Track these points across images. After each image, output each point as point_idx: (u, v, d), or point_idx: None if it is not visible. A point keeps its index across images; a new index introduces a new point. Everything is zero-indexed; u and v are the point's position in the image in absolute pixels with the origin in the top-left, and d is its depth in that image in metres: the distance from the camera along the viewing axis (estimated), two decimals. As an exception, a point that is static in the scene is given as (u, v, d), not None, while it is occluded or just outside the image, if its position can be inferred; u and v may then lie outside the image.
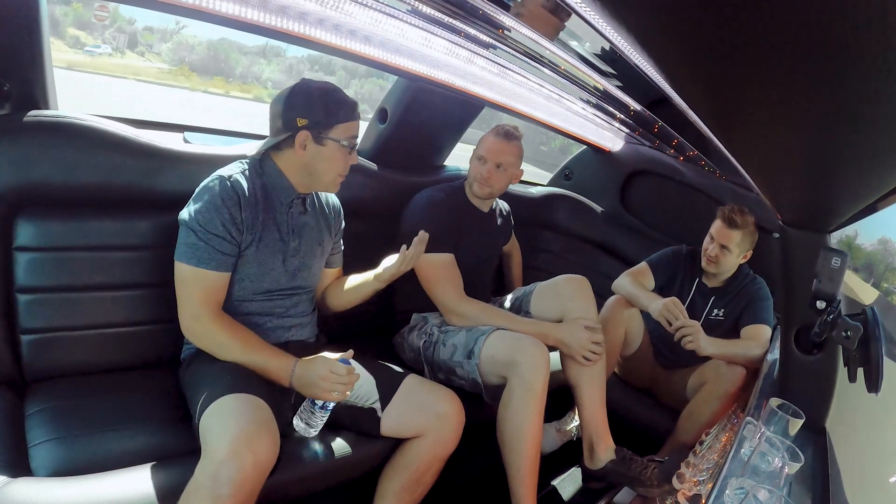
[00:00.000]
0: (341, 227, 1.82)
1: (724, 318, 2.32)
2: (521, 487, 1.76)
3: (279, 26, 1.55)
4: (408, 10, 1.49)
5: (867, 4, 0.32)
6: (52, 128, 1.50)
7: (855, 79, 0.42)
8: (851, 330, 1.20)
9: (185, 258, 1.45)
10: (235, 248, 1.49)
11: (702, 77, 0.57)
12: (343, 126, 1.54)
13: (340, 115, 1.53)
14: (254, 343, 1.48)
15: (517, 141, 2.10)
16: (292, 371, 1.45)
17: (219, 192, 1.46)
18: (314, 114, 1.51)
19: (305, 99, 1.52)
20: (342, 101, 1.54)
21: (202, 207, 1.45)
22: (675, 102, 0.93)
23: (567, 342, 1.92)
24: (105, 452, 1.34)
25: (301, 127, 1.51)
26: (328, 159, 1.55)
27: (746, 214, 2.23)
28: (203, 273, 1.45)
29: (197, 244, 1.44)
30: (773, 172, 0.94)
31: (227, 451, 1.17)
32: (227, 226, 1.45)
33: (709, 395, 2.08)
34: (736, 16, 0.39)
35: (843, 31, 0.35)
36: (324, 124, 1.52)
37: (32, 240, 1.49)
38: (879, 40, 0.35)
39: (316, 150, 1.53)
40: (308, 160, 1.54)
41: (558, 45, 1.49)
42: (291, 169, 1.57)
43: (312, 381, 1.43)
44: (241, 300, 1.55)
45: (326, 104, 1.52)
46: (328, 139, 1.53)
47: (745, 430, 1.24)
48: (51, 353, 1.54)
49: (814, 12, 0.34)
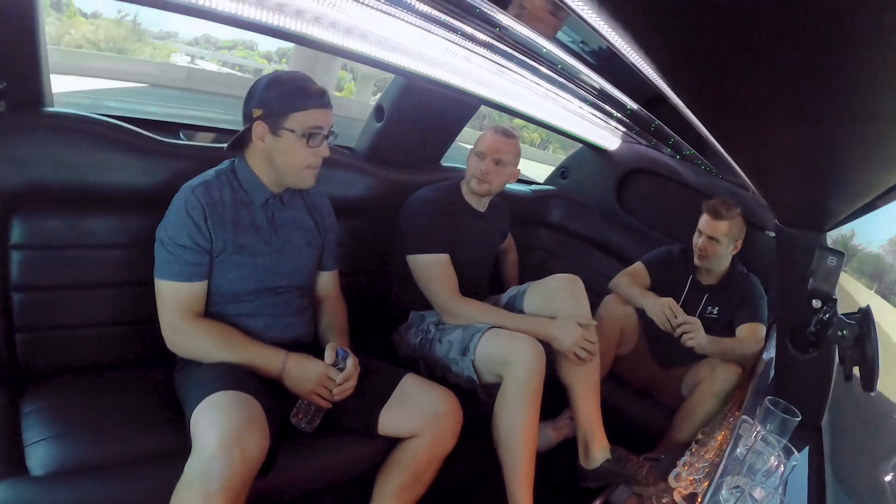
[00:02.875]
0: (334, 226, 1.80)
1: (719, 317, 2.32)
2: (517, 486, 1.76)
3: (275, 24, 1.54)
4: (405, 8, 1.49)
5: (863, 3, 0.32)
6: (47, 126, 1.50)
7: (852, 78, 0.42)
8: (847, 329, 1.21)
9: (159, 274, 1.47)
10: (205, 257, 1.48)
11: (698, 75, 0.57)
12: (300, 115, 1.47)
13: (297, 104, 1.47)
14: (237, 341, 1.48)
15: (515, 139, 2.11)
16: (283, 364, 1.46)
17: (183, 204, 1.46)
18: (268, 103, 1.47)
19: (262, 89, 1.49)
20: (299, 90, 1.48)
21: (170, 221, 1.47)
22: (671, 101, 0.93)
23: (560, 338, 1.92)
24: (101, 451, 1.33)
25: (256, 117, 1.48)
26: (285, 151, 1.50)
27: (731, 205, 2.26)
28: (176, 286, 1.46)
29: (168, 258, 1.45)
30: (768, 171, 0.94)
31: (216, 446, 1.17)
32: (192, 236, 1.45)
33: (704, 394, 2.09)
34: (732, 13, 0.39)
35: (839, 29, 0.35)
36: (278, 114, 1.47)
37: (27, 238, 1.48)
38: (875, 38, 0.35)
39: (273, 142, 1.49)
40: (268, 152, 1.51)
41: (555, 44, 1.49)
42: (259, 165, 1.55)
43: (304, 380, 1.44)
44: (229, 302, 1.55)
45: (281, 93, 1.47)
46: (283, 129, 1.48)
47: (741, 428, 1.25)
48: (46, 352, 1.54)
49: (809, 11, 0.34)
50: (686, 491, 1.34)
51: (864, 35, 0.35)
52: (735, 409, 1.74)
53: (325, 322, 1.76)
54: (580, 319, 1.94)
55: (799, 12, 0.35)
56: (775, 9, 0.36)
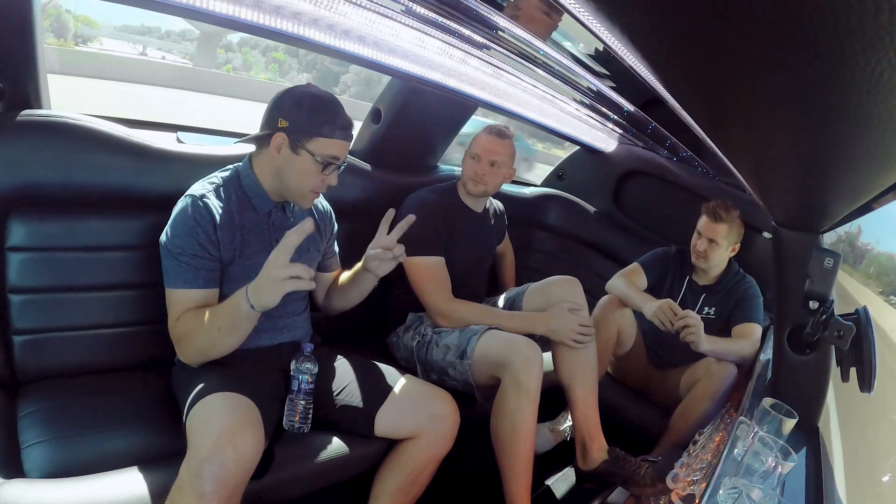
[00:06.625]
0: (334, 231, 1.80)
1: (716, 317, 2.33)
2: (515, 487, 1.76)
3: (273, 26, 1.54)
4: (402, 11, 1.49)
5: (859, 6, 0.32)
6: (44, 127, 1.49)
7: (847, 80, 0.42)
8: (844, 330, 1.21)
9: (173, 283, 1.45)
10: (217, 264, 1.47)
11: (694, 77, 0.58)
12: (324, 141, 1.48)
13: (324, 130, 1.47)
14: (211, 311, 1.41)
15: (509, 140, 2.12)
16: (246, 292, 1.35)
17: (191, 214, 1.44)
18: (297, 118, 1.47)
19: (294, 102, 1.48)
20: (332, 117, 1.49)
21: (178, 231, 1.44)
22: (668, 103, 0.94)
23: (555, 328, 1.94)
24: (98, 453, 1.34)
25: (280, 128, 1.47)
26: (299, 170, 1.49)
27: (731, 208, 2.27)
28: (189, 293, 1.44)
29: (179, 267, 1.43)
30: (765, 173, 0.94)
31: (210, 447, 1.17)
32: (203, 244, 1.44)
33: (701, 394, 2.09)
34: (728, 16, 0.39)
35: (835, 32, 0.35)
36: (304, 132, 1.47)
37: (25, 240, 1.48)
38: (873, 41, 0.35)
39: (289, 157, 1.48)
40: (280, 165, 1.50)
41: (551, 46, 1.49)
42: (265, 173, 1.54)
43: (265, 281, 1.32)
44: None
45: (313, 113, 1.47)
46: (304, 149, 1.47)
47: (739, 429, 1.25)
48: (43, 354, 1.54)
49: (805, 14, 0.34)
50: (684, 492, 1.33)
51: (860, 36, 0.35)
52: (732, 410, 1.75)
53: (338, 294, 1.81)
54: (570, 305, 1.96)
55: (795, 15, 0.35)
56: (772, 11, 0.36)
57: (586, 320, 1.98)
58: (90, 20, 33.88)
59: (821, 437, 1.46)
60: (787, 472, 1.06)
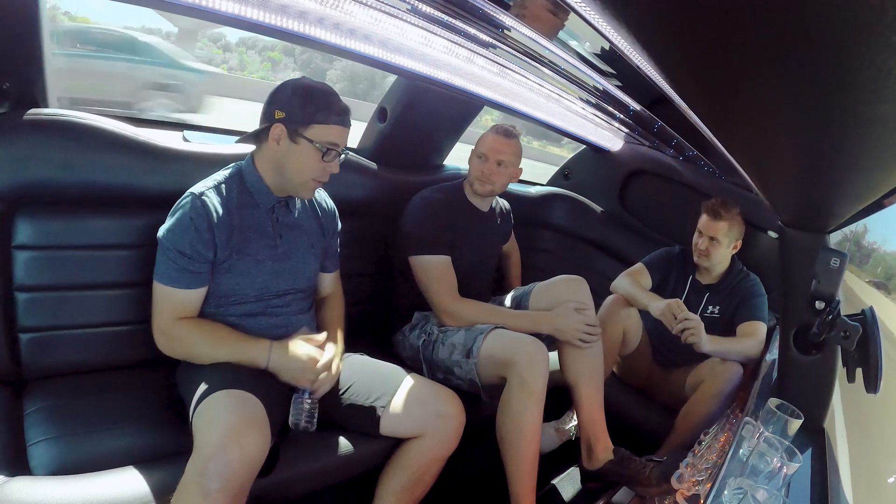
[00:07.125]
0: (337, 229, 1.80)
1: (720, 316, 2.33)
2: (520, 487, 1.76)
3: (279, 25, 1.55)
4: (408, 10, 1.49)
5: (866, 5, 0.32)
6: (50, 126, 1.50)
7: (853, 80, 0.42)
8: (850, 330, 1.21)
9: (158, 276, 1.46)
10: (205, 265, 1.48)
11: (701, 77, 0.57)
12: (321, 127, 1.49)
13: (320, 116, 1.48)
14: (224, 336, 1.47)
15: (516, 139, 2.11)
16: (268, 355, 1.45)
17: (189, 212, 1.45)
18: (293, 108, 1.48)
19: (289, 92, 1.50)
20: (326, 103, 1.50)
21: (173, 226, 1.45)
22: (674, 102, 0.93)
23: (561, 328, 1.94)
24: (103, 451, 1.34)
25: (278, 119, 1.48)
26: (299, 160, 1.50)
27: (730, 205, 2.27)
28: (171, 291, 1.46)
29: (167, 263, 1.45)
30: (771, 173, 0.94)
31: (215, 445, 1.18)
32: (195, 245, 1.44)
33: (706, 394, 2.08)
34: (735, 16, 0.39)
35: (841, 31, 0.35)
36: (300, 121, 1.48)
37: (31, 238, 1.49)
38: (878, 41, 0.35)
39: (288, 147, 1.50)
40: (280, 157, 1.51)
41: (558, 45, 1.49)
42: (266, 168, 1.54)
43: (290, 369, 1.45)
44: (232, 303, 1.54)
45: (308, 102, 1.48)
46: (302, 137, 1.48)
47: (744, 430, 1.24)
48: (49, 352, 1.54)
49: (812, 13, 0.34)
50: (689, 492, 1.33)
51: (866, 37, 0.35)
52: (738, 411, 1.74)
53: (321, 316, 1.77)
54: (575, 304, 1.96)
55: (801, 16, 0.35)
56: (778, 12, 0.36)
57: (592, 320, 1.98)
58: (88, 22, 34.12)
59: (826, 438, 1.45)
60: (793, 473, 1.06)
